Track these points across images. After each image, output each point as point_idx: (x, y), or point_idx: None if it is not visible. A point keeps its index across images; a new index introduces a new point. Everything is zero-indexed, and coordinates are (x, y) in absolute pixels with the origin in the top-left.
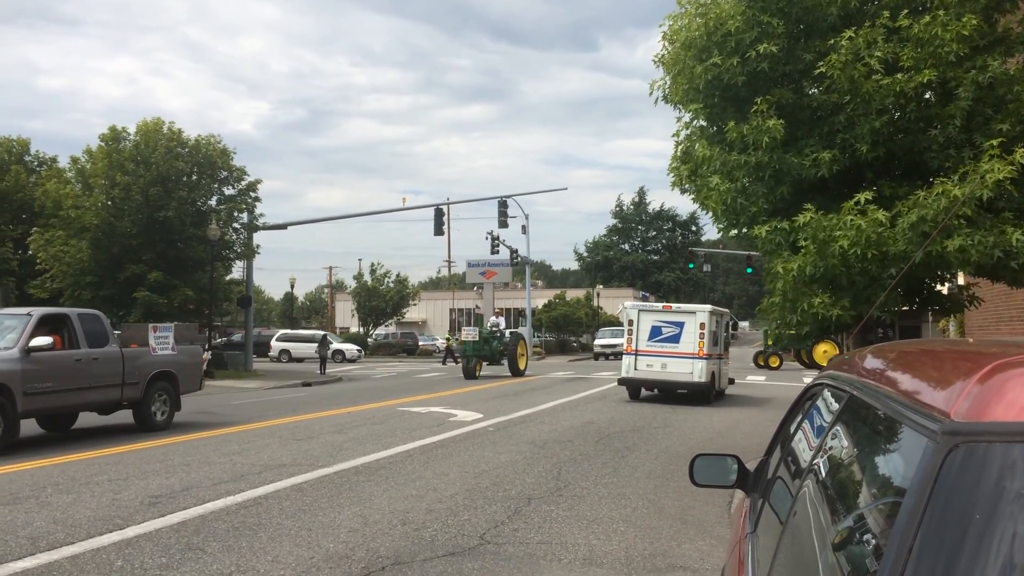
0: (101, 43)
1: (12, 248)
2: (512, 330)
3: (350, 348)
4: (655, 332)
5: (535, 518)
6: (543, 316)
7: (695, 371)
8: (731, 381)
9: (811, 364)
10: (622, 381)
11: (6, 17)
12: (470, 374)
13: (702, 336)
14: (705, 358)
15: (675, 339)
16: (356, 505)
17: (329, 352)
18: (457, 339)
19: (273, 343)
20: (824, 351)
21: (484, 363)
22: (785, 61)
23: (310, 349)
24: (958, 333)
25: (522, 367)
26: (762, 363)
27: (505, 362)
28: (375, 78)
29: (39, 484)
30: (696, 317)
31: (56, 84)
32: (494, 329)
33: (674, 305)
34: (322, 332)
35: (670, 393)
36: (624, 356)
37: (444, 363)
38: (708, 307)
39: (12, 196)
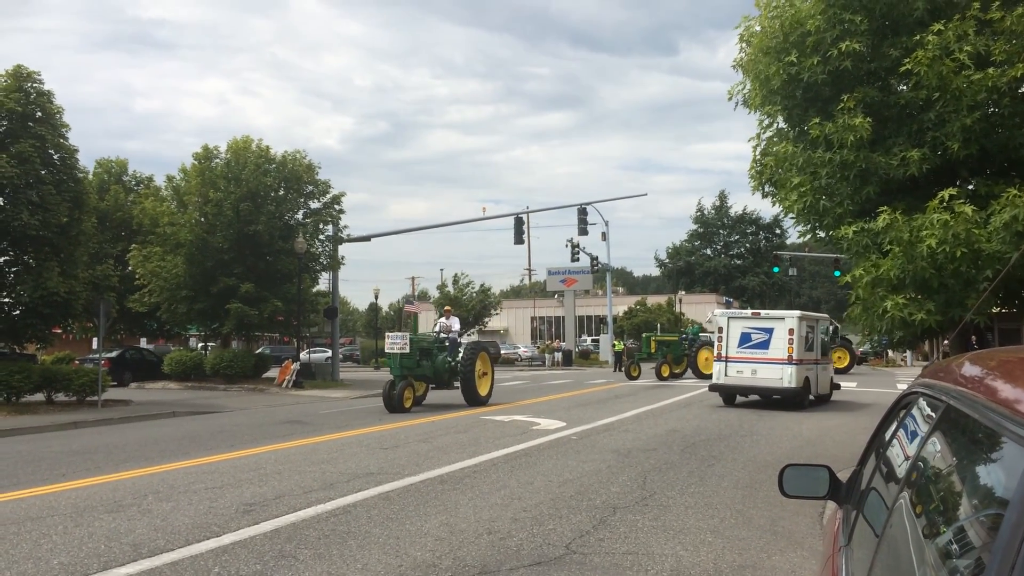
0: (194, 65)
1: (113, 264)
2: (475, 341)
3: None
4: (744, 338)
5: (621, 528)
6: (624, 323)
7: (784, 376)
8: (837, 387)
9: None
10: (713, 387)
11: (105, 42)
12: (395, 405)
13: (791, 341)
14: (796, 363)
15: (764, 345)
16: (442, 514)
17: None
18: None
19: None
20: (706, 358)
21: (429, 386)
22: (870, 59)
23: None
24: None
25: (484, 392)
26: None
27: (458, 385)
28: (455, 89)
29: (140, 492)
30: (785, 323)
31: (152, 106)
32: (443, 336)
33: (763, 311)
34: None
35: (760, 399)
36: (714, 363)
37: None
38: (797, 312)
39: (112, 215)
